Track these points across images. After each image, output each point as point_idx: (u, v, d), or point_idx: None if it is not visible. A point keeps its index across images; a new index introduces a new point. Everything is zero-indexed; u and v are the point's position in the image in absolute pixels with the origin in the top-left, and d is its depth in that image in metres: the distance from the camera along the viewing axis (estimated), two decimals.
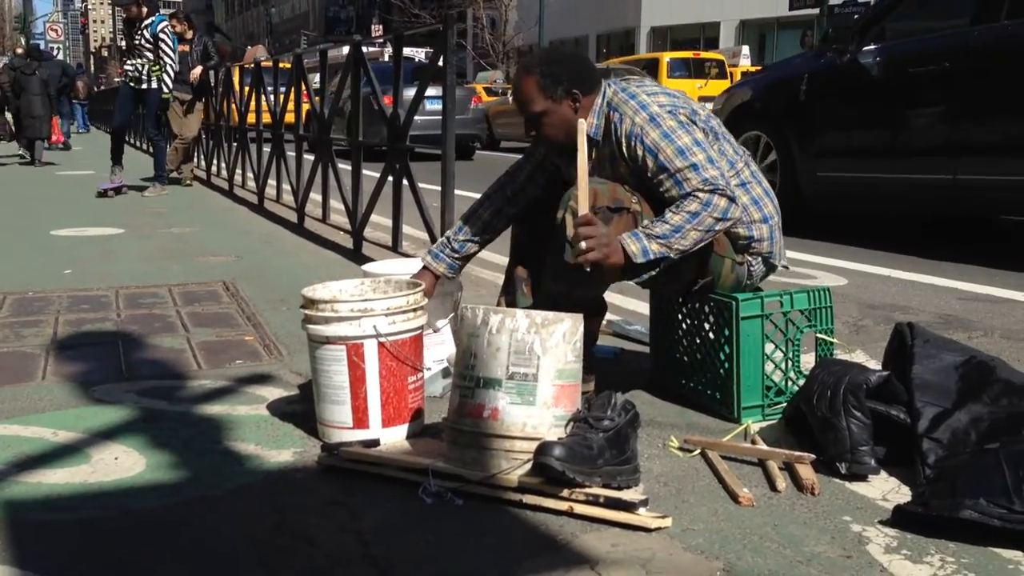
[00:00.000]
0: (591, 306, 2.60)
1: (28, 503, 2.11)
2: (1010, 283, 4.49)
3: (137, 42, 8.87)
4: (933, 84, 5.28)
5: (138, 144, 16.69)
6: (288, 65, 7.69)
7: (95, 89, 27.40)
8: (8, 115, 15.44)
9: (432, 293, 2.84)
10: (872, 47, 5.69)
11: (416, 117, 5.03)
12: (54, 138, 15.77)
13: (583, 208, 2.37)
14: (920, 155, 5.38)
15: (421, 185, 4.94)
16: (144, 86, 8.98)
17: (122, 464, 2.33)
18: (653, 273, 2.53)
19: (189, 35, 10.18)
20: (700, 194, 2.44)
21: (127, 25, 9.04)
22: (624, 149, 2.57)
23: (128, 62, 9.01)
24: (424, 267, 2.88)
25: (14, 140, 15.49)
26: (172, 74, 9.11)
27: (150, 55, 8.89)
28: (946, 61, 5.19)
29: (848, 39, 5.81)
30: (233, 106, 9.55)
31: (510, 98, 19.37)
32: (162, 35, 8.90)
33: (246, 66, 9.43)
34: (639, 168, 2.55)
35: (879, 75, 5.60)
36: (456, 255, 2.87)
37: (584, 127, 2.45)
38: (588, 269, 2.37)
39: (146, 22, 8.84)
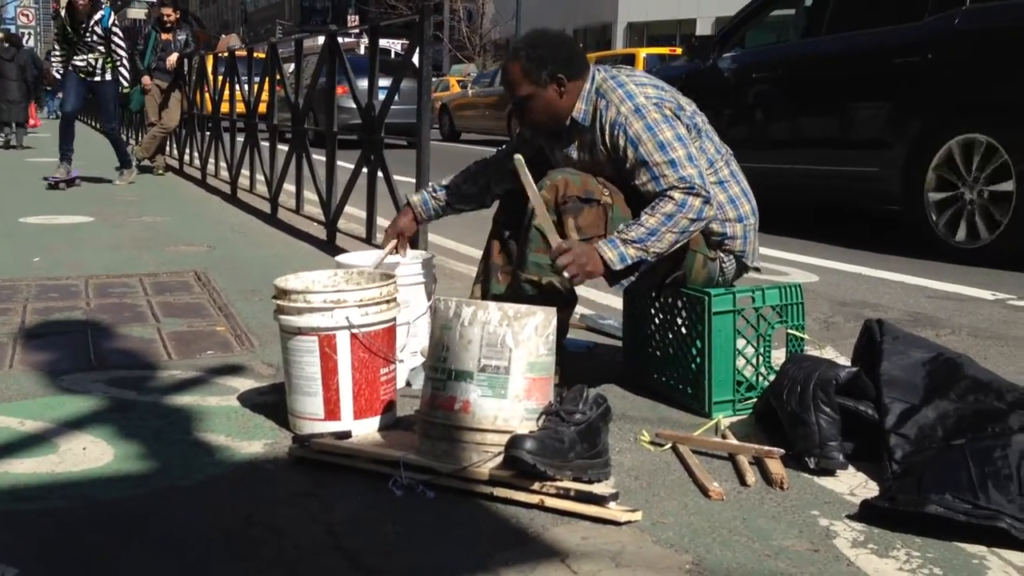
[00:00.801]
0: (562, 296, 2.61)
1: None
2: (978, 282, 4.55)
3: (88, 38, 8.56)
4: (769, 87, 6.40)
5: None
6: (263, 55, 7.63)
7: None
8: None
9: (412, 231, 2.98)
10: (728, 55, 6.70)
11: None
12: (31, 122, 15.79)
13: (554, 239, 2.45)
14: (756, 148, 6.07)
15: (395, 177, 4.92)
16: (97, 78, 8.70)
17: (90, 454, 2.31)
18: (632, 278, 2.55)
19: (171, 22, 10.05)
20: (675, 194, 2.45)
21: (71, 17, 8.60)
22: (607, 137, 2.58)
23: (77, 58, 8.63)
24: (406, 203, 3.00)
25: None
26: (128, 67, 8.88)
27: (102, 48, 8.62)
28: (778, 68, 6.34)
29: (711, 48, 6.81)
30: (207, 95, 9.47)
31: (469, 92, 20.18)
32: (114, 28, 8.66)
33: (220, 55, 9.35)
34: (619, 158, 2.56)
35: (731, 79, 6.59)
36: (435, 196, 2.97)
37: (522, 163, 2.49)
38: (572, 284, 2.50)
39: (96, 17, 8.55)
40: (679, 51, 21.60)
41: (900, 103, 5.34)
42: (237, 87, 8.33)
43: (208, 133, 9.37)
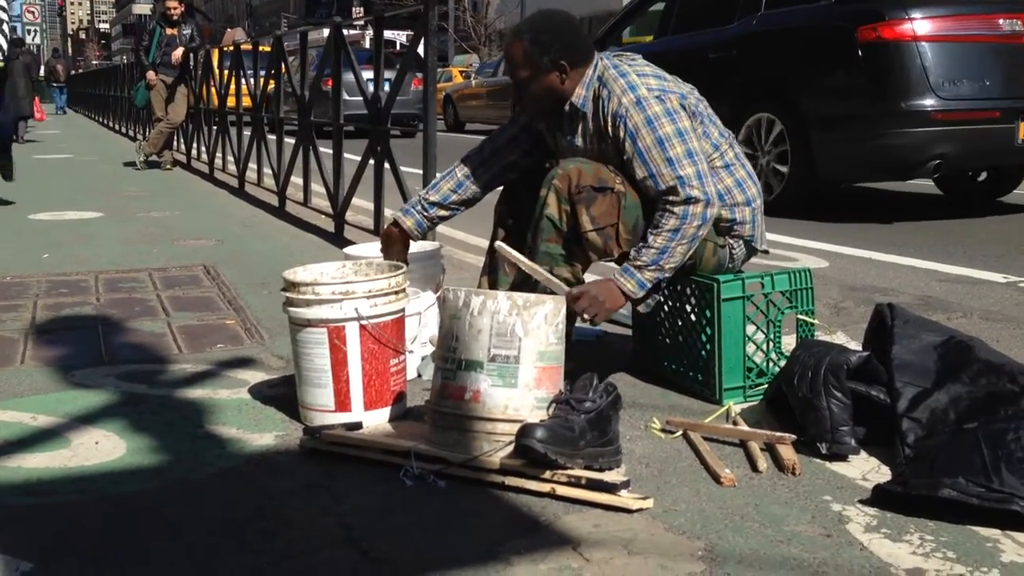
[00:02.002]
0: (572, 285, 2.60)
1: (7, 487, 2.10)
2: (989, 265, 4.52)
3: None
4: None
5: (118, 128, 16.54)
6: (268, 48, 7.63)
7: (72, 72, 27.37)
8: None
9: (391, 250, 2.81)
10: (607, 51, 7.42)
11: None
12: (37, 116, 16.01)
13: (562, 290, 2.46)
14: None
15: (403, 169, 4.91)
16: None
17: (102, 448, 2.32)
18: (659, 296, 2.60)
19: (177, 15, 10.03)
20: (675, 208, 2.46)
21: None
22: (608, 128, 2.56)
23: None
24: (393, 221, 2.84)
25: None
26: (7, 33, 7.18)
27: None
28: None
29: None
30: (213, 89, 9.48)
31: (473, 82, 20.42)
32: None
33: (226, 49, 9.35)
34: (619, 149, 2.54)
35: None
36: (425, 214, 2.82)
37: (505, 247, 2.55)
38: (593, 324, 2.54)
39: None
40: None
41: (719, 90, 6.71)
42: (243, 81, 8.33)
43: (215, 127, 9.37)
